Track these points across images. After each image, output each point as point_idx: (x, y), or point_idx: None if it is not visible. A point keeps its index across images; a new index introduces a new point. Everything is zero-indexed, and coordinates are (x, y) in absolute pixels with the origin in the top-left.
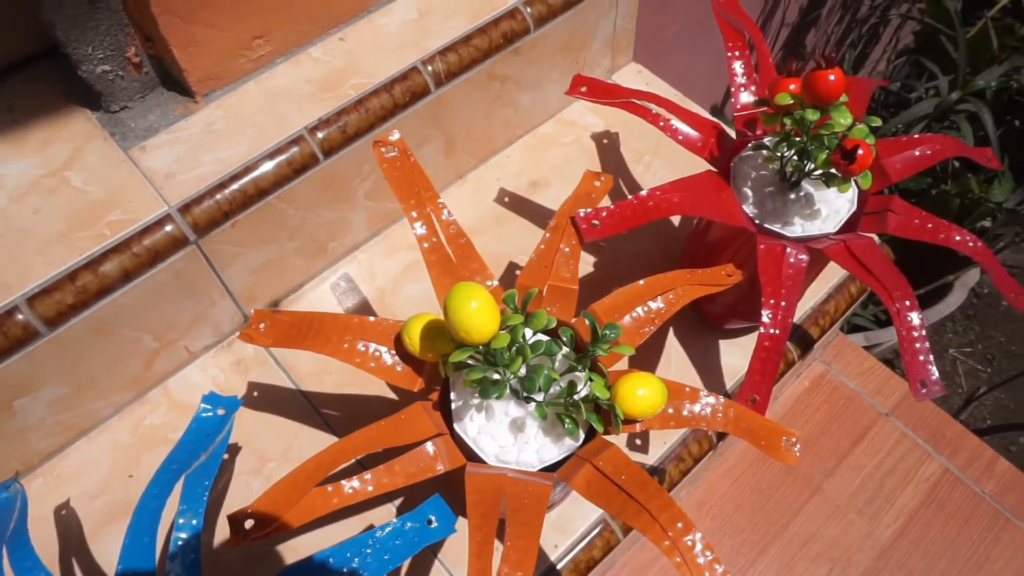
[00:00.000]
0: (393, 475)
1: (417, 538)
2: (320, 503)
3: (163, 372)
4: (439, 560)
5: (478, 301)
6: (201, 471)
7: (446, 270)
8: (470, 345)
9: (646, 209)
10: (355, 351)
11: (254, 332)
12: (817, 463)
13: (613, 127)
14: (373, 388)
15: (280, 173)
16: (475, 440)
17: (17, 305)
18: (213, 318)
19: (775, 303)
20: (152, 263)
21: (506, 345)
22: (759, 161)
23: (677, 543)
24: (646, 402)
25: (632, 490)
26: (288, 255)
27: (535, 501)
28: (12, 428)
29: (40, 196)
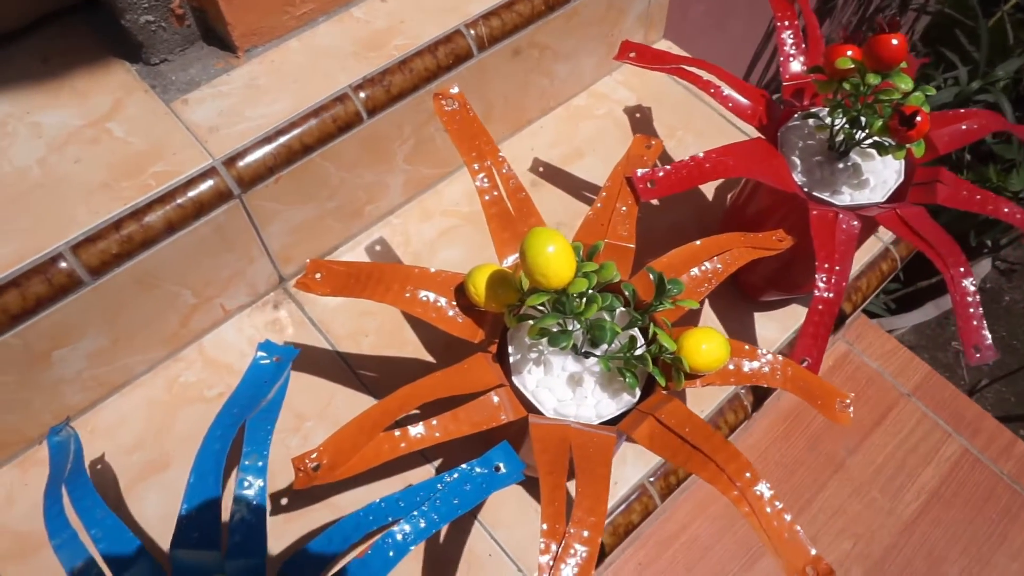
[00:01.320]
0: (459, 423)
1: (485, 484)
2: (387, 447)
3: (198, 330)
4: (479, 521)
5: (556, 246)
6: (263, 416)
7: (505, 223)
8: (546, 290)
9: (702, 171)
10: (417, 300)
11: (310, 281)
12: (840, 441)
13: (645, 101)
14: (409, 351)
15: (324, 130)
16: (534, 393)
17: (62, 252)
18: (250, 276)
19: (829, 267)
20: (196, 216)
21: (585, 290)
22: (806, 131)
23: (745, 493)
24: (710, 356)
25: (697, 442)
26: (326, 216)
27: (601, 451)
28: (49, 379)
29: (81, 146)
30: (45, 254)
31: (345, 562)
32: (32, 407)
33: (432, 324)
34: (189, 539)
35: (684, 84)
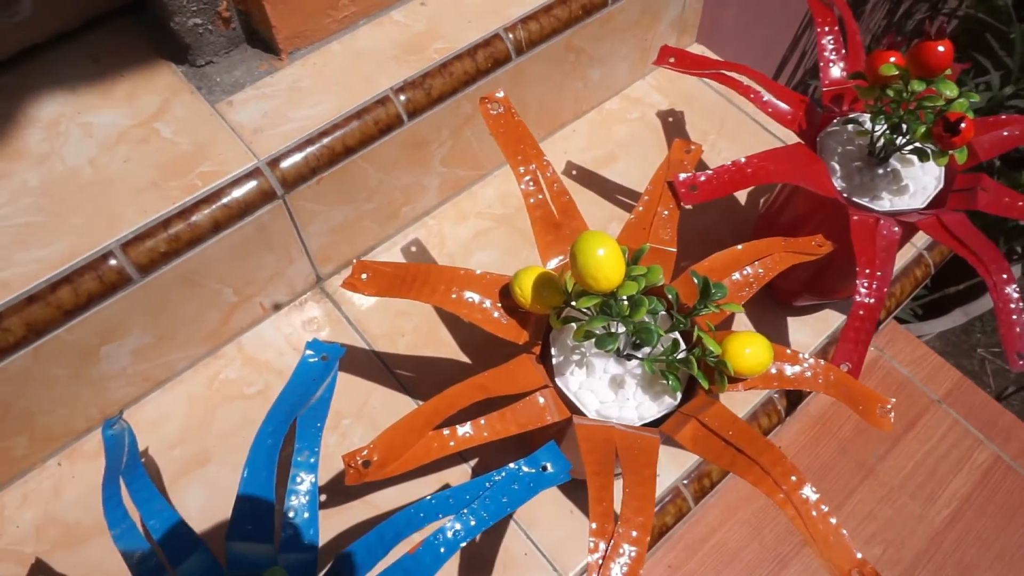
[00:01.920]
0: (506, 423)
1: (533, 483)
2: (437, 446)
3: (238, 328)
4: (515, 521)
5: (606, 249)
6: (312, 413)
7: (549, 226)
8: (595, 293)
9: (744, 176)
10: (463, 301)
11: (356, 281)
12: (870, 446)
13: (678, 105)
14: (446, 351)
15: (366, 132)
16: (576, 395)
17: (112, 250)
18: (289, 276)
19: (870, 272)
20: (241, 215)
21: (634, 294)
22: (845, 137)
23: (791, 496)
24: (754, 359)
25: (741, 445)
26: (364, 217)
27: (645, 452)
28: (96, 375)
29: (130, 146)
30: (96, 251)
31: (397, 557)
32: (80, 401)
33: (477, 325)
34: (243, 531)
35: (716, 88)
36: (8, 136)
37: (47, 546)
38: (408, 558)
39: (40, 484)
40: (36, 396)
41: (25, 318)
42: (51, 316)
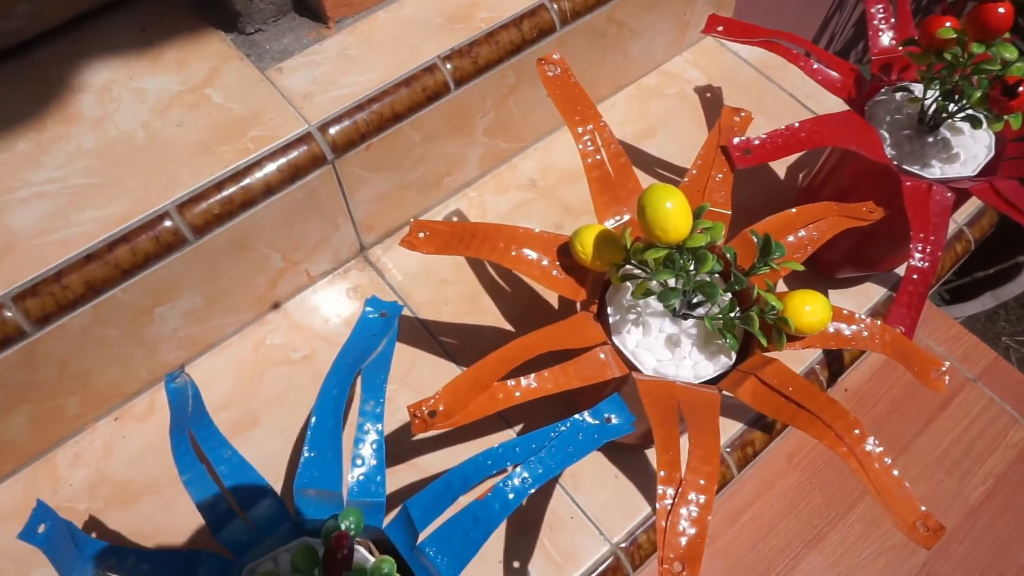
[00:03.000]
0: (568, 376)
1: (598, 434)
2: (503, 396)
3: (283, 294)
4: (560, 485)
5: (674, 202)
6: (375, 365)
7: (606, 187)
8: (664, 245)
9: (798, 139)
10: (521, 258)
11: (414, 240)
12: (905, 424)
13: (715, 81)
14: (489, 319)
15: (414, 99)
16: (633, 353)
17: (168, 211)
18: (334, 243)
19: (924, 237)
20: (292, 179)
21: (703, 245)
22: (893, 105)
23: (854, 449)
24: (814, 317)
25: (802, 400)
26: (408, 186)
27: (707, 407)
28: (149, 336)
29: (182, 111)
30: (152, 212)
31: (466, 503)
32: (132, 362)
33: (535, 282)
34: (312, 478)
35: (754, 65)
36: (62, 101)
37: (100, 504)
38: (477, 504)
39: (92, 444)
40: (91, 355)
41: (84, 276)
42: (109, 275)
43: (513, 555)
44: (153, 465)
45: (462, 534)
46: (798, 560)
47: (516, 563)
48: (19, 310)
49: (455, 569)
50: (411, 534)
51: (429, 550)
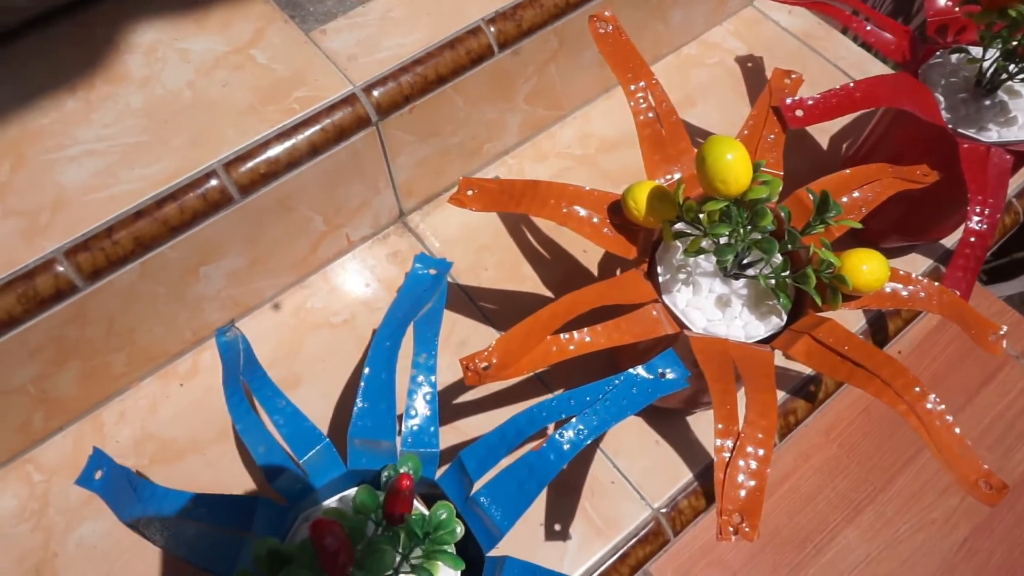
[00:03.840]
0: (621, 332)
1: (652, 388)
2: (556, 349)
3: (324, 258)
4: (601, 450)
5: (735, 153)
6: (426, 320)
7: (657, 145)
8: (723, 197)
9: (852, 100)
10: (572, 215)
11: (463, 197)
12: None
13: (757, 51)
14: (529, 285)
15: (458, 62)
16: (684, 312)
17: (215, 170)
18: (375, 208)
19: (983, 199)
20: (337, 140)
21: (764, 198)
22: (948, 69)
23: (915, 407)
24: (872, 275)
25: (859, 359)
26: (448, 151)
27: (762, 364)
28: (193, 296)
29: (227, 71)
30: (200, 171)
31: (521, 454)
32: (177, 322)
33: (586, 239)
34: (365, 429)
35: (795, 35)
36: (109, 61)
37: (145, 460)
38: (532, 455)
39: (136, 403)
40: (138, 313)
41: (134, 233)
42: (157, 232)
43: (555, 518)
44: (197, 424)
45: (517, 485)
46: (835, 533)
47: (557, 526)
48: (71, 265)
49: (509, 519)
50: (465, 485)
51: (483, 500)
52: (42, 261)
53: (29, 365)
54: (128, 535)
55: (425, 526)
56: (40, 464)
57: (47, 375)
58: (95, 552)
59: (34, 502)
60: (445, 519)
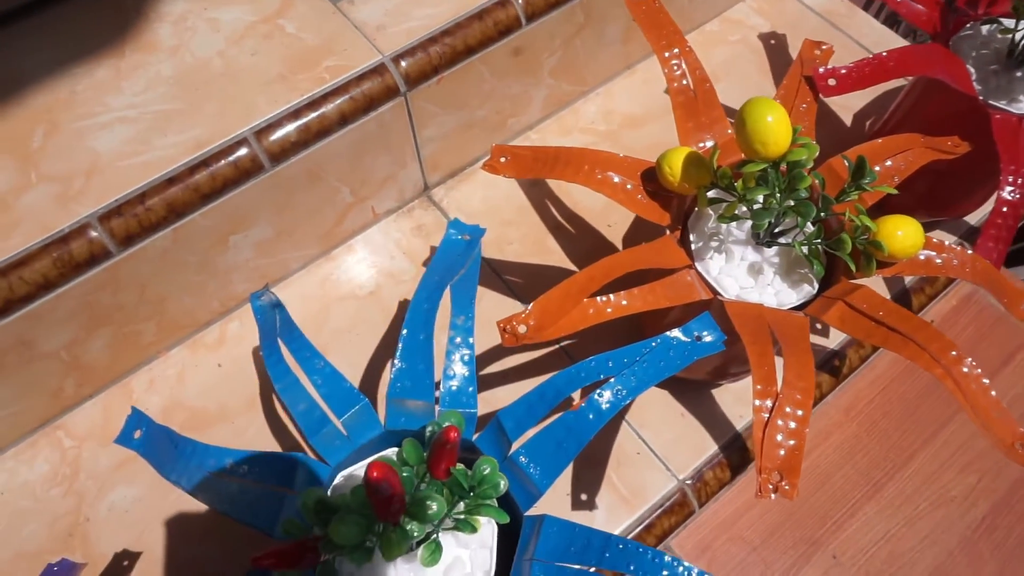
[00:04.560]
0: (656, 295)
1: (688, 351)
2: (593, 312)
3: (349, 231)
4: (626, 422)
5: (775, 115)
6: (463, 283)
7: (690, 113)
8: (762, 159)
9: (885, 69)
10: (607, 181)
11: (497, 164)
12: None
13: (780, 29)
14: (553, 259)
15: (486, 34)
16: (716, 279)
17: (246, 138)
18: (400, 181)
19: (1016, 169)
20: (366, 110)
21: (803, 159)
22: (979, 40)
23: (951, 370)
24: (907, 241)
25: (894, 324)
26: (473, 125)
27: (797, 329)
28: (222, 265)
29: (256, 40)
30: (231, 138)
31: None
32: (205, 291)
33: (620, 204)
34: (404, 389)
35: (819, 13)
36: (139, 30)
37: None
38: (571, 414)
39: (165, 372)
40: (169, 280)
41: (166, 199)
42: (189, 199)
43: (581, 488)
44: (225, 393)
45: (555, 444)
46: (855, 510)
47: (584, 496)
48: (105, 230)
49: (548, 478)
50: (503, 444)
51: (521, 459)
52: (76, 226)
53: (63, 330)
54: (159, 501)
55: (469, 480)
56: (70, 430)
57: (79, 341)
58: (127, 517)
59: (65, 467)
60: (489, 474)
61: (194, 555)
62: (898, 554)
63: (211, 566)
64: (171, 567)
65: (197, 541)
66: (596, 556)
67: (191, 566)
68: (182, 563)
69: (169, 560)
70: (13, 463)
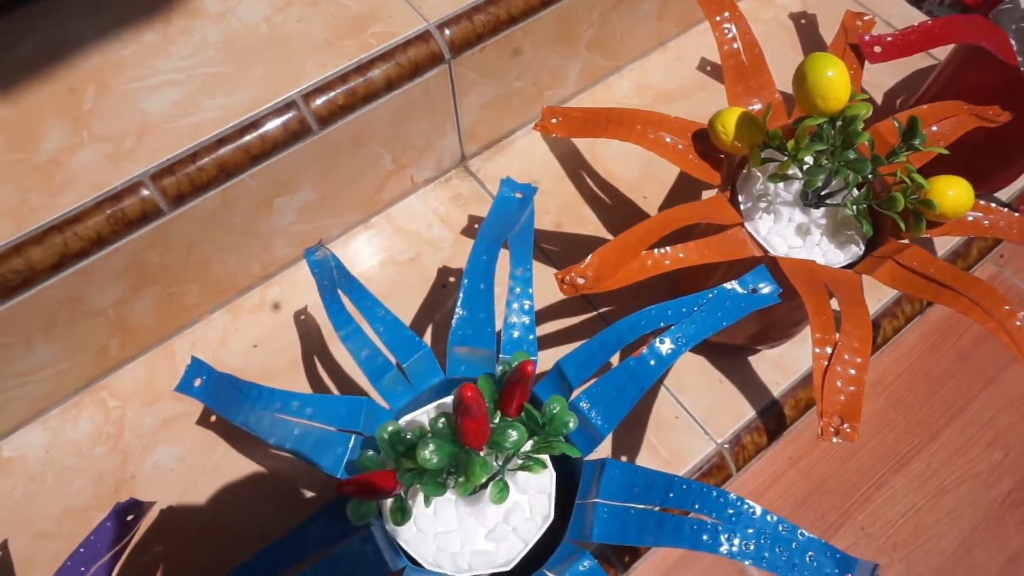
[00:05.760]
0: (711, 250)
1: (744, 303)
2: (651, 264)
3: (389, 198)
4: (665, 387)
5: (835, 70)
6: (519, 236)
7: (740, 76)
8: (822, 114)
9: (931, 36)
10: (659, 141)
11: (548, 124)
12: (992, 358)
13: (811, 8)
14: (590, 229)
15: (528, 3)
16: (766, 239)
17: (295, 101)
18: (439, 150)
19: None
20: (411, 76)
21: (863, 114)
22: (1019, 13)
23: (1005, 324)
24: (957, 201)
25: (945, 280)
26: (512, 96)
27: (851, 285)
28: (266, 228)
29: (302, 7)
30: (280, 101)
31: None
32: (248, 254)
33: (672, 163)
34: (464, 336)
35: None
36: None
37: None
38: (632, 360)
39: (207, 334)
40: (214, 242)
41: (217, 159)
42: (239, 159)
43: (622, 451)
44: (266, 357)
45: (617, 389)
46: (882, 483)
47: (624, 458)
48: (157, 188)
49: (609, 423)
50: (564, 391)
51: (583, 405)
52: (129, 184)
53: (112, 288)
54: (203, 460)
55: (541, 418)
56: (114, 391)
57: (126, 300)
58: (171, 474)
59: (110, 426)
60: (559, 412)
61: (239, 512)
62: (924, 527)
63: (255, 523)
64: (216, 523)
65: (241, 499)
66: (660, 496)
67: (235, 523)
68: (227, 520)
69: (214, 517)
70: (58, 422)
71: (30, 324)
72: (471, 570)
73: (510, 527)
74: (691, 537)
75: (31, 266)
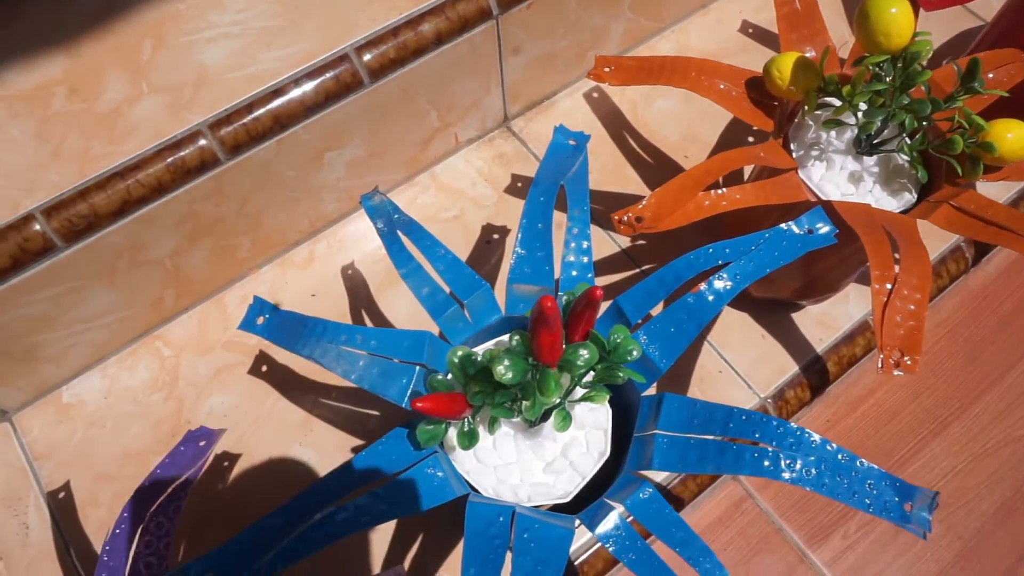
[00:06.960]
0: (767, 192)
1: (801, 243)
2: (708, 204)
3: (433, 157)
4: (708, 342)
5: (899, 7)
6: (575, 180)
7: (794, 24)
8: (884, 51)
9: None
10: (713, 87)
11: (601, 73)
12: None
13: None
14: (632, 187)
15: None
16: (818, 186)
17: (348, 53)
18: (483, 109)
19: None
20: (460, 31)
21: (926, 50)
22: None
23: None
24: (1017, 143)
25: (1004, 222)
26: (556, 55)
27: (908, 228)
28: (316, 182)
29: None
30: (333, 53)
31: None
32: (298, 209)
33: (726, 109)
34: (522, 274)
35: None
36: None
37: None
38: (690, 296)
39: (257, 288)
40: (267, 195)
41: (272, 111)
42: (294, 111)
43: None
44: (314, 310)
45: (675, 325)
46: (921, 447)
47: None
48: (215, 138)
49: (668, 358)
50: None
51: (642, 339)
52: (188, 133)
53: (169, 237)
54: (255, 409)
55: (608, 345)
56: (169, 341)
57: (182, 250)
58: (225, 421)
59: (165, 375)
60: (623, 341)
61: (291, 458)
62: (964, 489)
63: (307, 470)
64: (269, 468)
65: (295, 445)
66: (720, 426)
67: (288, 468)
68: (280, 466)
69: (268, 462)
70: (115, 370)
71: (93, 269)
72: (530, 501)
73: (567, 461)
74: (752, 464)
75: (95, 211)
